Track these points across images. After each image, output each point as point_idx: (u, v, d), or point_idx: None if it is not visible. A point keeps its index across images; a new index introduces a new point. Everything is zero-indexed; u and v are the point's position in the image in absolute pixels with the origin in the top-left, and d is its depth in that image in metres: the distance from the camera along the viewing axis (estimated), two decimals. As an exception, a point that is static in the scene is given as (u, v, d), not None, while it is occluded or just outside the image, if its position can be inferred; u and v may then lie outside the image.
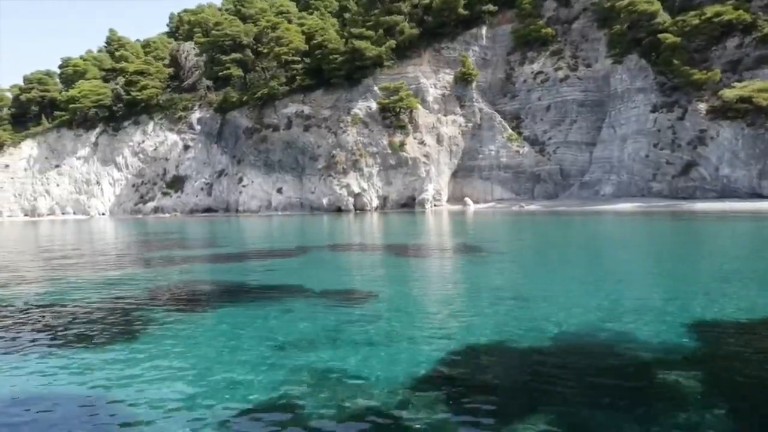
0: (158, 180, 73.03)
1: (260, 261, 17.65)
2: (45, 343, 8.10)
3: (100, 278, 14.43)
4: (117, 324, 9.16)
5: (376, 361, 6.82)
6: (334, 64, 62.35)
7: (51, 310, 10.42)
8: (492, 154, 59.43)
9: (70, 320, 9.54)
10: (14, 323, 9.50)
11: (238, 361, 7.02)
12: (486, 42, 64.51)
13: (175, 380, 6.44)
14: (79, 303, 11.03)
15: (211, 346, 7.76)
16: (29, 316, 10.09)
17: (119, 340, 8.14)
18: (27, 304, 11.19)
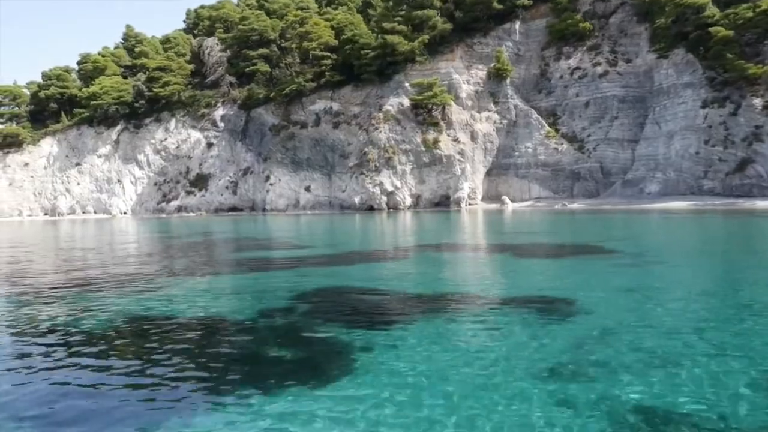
0: (181, 178, 71.58)
1: (381, 264, 16.18)
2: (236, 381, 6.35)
3: (236, 286, 13.01)
4: (301, 350, 7.68)
5: (695, 386, 5.41)
6: (365, 59, 60.88)
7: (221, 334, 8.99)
8: (529, 151, 58.03)
9: (249, 352, 8.11)
10: (154, 355, 8.05)
11: (502, 395, 5.44)
12: (519, 37, 63.12)
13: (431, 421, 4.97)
14: (244, 325, 9.59)
15: (441, 375, 6.15)
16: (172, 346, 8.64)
17: (325, 375, 6.34)
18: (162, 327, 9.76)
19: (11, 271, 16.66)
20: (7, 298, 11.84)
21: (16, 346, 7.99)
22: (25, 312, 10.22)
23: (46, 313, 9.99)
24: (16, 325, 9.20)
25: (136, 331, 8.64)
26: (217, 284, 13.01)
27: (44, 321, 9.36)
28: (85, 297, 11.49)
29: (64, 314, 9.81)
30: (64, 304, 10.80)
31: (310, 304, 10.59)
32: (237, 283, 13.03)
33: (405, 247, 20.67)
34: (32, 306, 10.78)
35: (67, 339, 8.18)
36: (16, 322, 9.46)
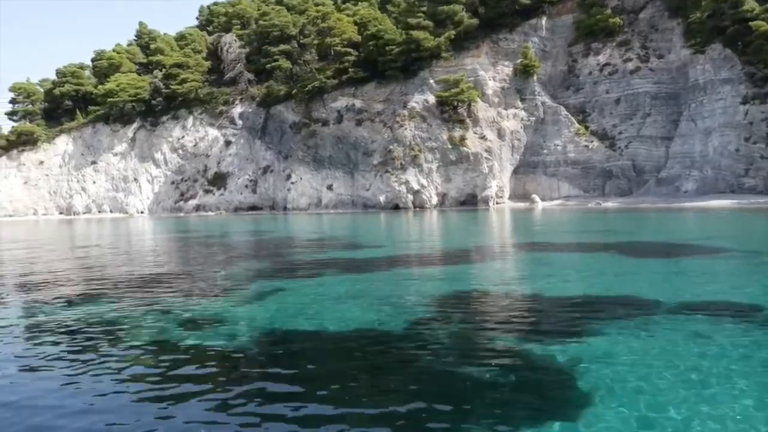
0: (199, 177, 70.40)
1: (487, 264, 15.12)
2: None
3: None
4: (504, 368, 6.61)
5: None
6: (389, 55, 59.73)
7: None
8: (558, 149, 56.94)
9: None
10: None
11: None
12: (545, 33, 62.02)
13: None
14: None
15: (677, 389, 5.33)
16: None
17: (563, 399, 5.44)
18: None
19: (28, 272, 15.56)
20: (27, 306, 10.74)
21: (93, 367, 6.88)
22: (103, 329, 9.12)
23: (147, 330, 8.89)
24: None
25: (288, 351, 7.54)
26: (329, 288, 11.89)
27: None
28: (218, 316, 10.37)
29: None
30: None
31: (462, 311, 9.50)
32: (349, 288, 11.91)
33: (488, 246, 19.58)
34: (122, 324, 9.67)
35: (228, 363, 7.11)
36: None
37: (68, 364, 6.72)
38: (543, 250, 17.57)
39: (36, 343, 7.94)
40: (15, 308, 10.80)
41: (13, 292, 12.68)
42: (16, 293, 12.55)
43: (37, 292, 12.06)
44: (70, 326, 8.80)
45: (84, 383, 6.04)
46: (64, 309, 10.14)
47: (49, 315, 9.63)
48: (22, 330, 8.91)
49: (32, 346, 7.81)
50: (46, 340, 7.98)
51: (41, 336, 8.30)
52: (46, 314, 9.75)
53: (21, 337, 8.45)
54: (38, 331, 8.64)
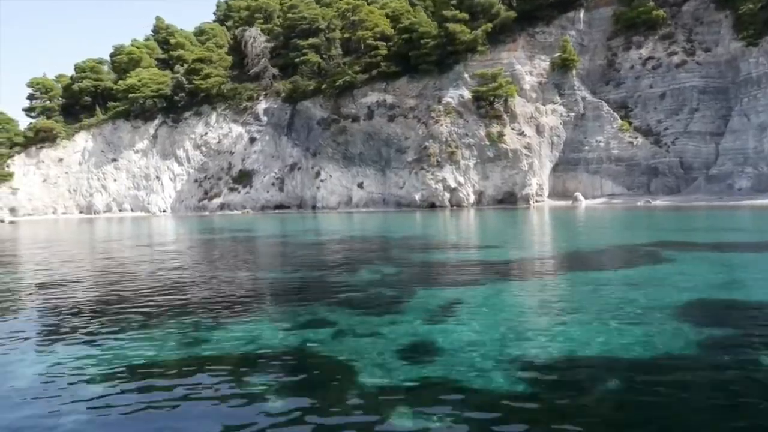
0: (223, 175, 68.55)
1: (656, 266, 13.30)
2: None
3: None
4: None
5: None
6: (424, 49, 57.86)
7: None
8: (600, 145, 55.13)
9: None
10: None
11: None
12: (583, 26, 60.24)
13: None
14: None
15: None
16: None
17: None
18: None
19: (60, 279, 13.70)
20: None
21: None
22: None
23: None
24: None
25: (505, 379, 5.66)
26: (511, 299, 10.04)
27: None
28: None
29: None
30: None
31: (726, 324, 7.62)
32: (543, 300, 10.05)
33: (625, 246, 17.70)
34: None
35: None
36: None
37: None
38: (690, 250, 15.72)
39: (54, 349, 7.09)
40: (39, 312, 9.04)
41: (35, 297, 10.95)
42: (38, 298, 10.82)
43: (61, 298, 10.29)
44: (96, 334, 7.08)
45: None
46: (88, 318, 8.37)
47: (70, 322, 7.87)
48: (43, 335, 8.08)
49: (49, 351, 7.08)
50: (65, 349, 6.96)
51: (62, 342, 7.37)
52: (66, 322, 8.08)
53: (42, 341, 7.70)
54: (59, 341, 7.51)
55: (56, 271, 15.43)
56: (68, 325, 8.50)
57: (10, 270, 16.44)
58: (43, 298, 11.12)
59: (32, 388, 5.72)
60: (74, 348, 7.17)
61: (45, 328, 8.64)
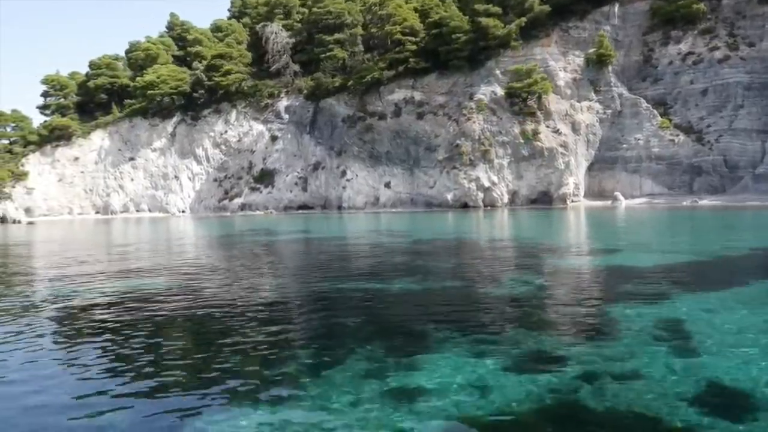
0: (244, 174, 66.66)
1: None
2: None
3: None
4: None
5: None
6: (456, 44, 56.05)
7: None
8: (640, 143, 53.32)
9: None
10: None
11: None
12: (617, 21, 58.47)
13: None
14: None
15: None
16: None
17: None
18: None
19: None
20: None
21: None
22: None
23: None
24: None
25: None
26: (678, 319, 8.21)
27: None
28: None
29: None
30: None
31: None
32: (729, 318, 8.23)
33: (729, 248, 15.90)
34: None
35: None
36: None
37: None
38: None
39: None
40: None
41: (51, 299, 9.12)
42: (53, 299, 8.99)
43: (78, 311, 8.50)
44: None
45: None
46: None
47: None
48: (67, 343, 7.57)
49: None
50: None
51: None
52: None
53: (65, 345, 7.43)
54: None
55: (99, 286, 13.58)
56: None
57: (35, 285, 14.59)
58: (95, 317, 9.28)
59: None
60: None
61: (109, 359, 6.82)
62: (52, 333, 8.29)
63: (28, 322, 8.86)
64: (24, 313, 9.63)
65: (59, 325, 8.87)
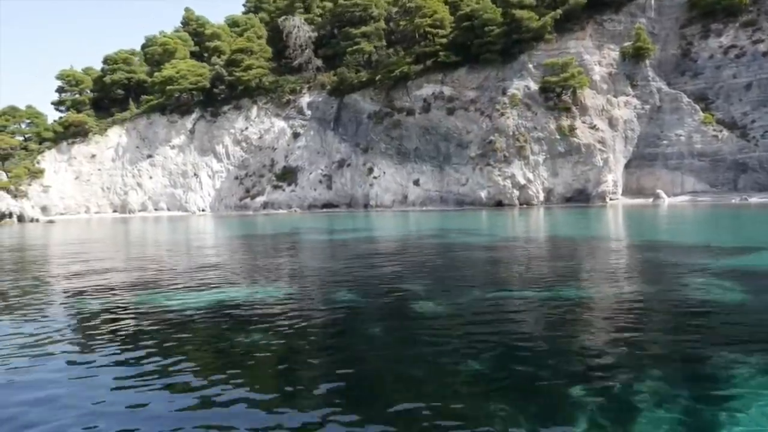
0: (265, 172, 64.88)
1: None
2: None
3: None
4: None
5: None
6: (489, 37, 54.30)
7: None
8: (681, 140, 51.55)
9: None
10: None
11: None
12: (653, 14, 56.70)
13: None
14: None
15: None
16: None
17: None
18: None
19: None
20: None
21: None
22: None
23: None
24: None
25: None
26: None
27: None
28: None
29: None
30: None
31: None
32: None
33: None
34: None
35: None
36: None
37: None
38: None
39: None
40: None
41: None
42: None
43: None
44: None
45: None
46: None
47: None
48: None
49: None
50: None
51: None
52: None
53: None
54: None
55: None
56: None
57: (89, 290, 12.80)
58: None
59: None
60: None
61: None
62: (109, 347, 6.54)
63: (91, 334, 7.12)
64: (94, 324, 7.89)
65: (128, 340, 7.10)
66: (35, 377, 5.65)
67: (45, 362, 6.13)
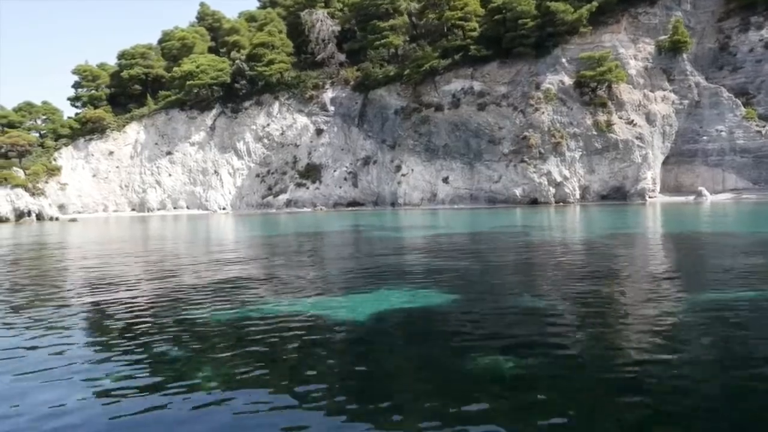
0: (288, 169, 63.32)
1: None
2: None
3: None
4: None
5: None
6: (522, 30, 52.78)
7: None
8: (722, 135, 50.14)
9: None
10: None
11: None
12: (689, 7, 55.31)
13: None
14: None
15: None
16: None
17: None
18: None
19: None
20: None
21: None
22: None
23: None
24: None
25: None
26: None
27: None
28: None
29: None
30: None
31: None
32: None
33: None
34: None
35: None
36: None
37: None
38: None
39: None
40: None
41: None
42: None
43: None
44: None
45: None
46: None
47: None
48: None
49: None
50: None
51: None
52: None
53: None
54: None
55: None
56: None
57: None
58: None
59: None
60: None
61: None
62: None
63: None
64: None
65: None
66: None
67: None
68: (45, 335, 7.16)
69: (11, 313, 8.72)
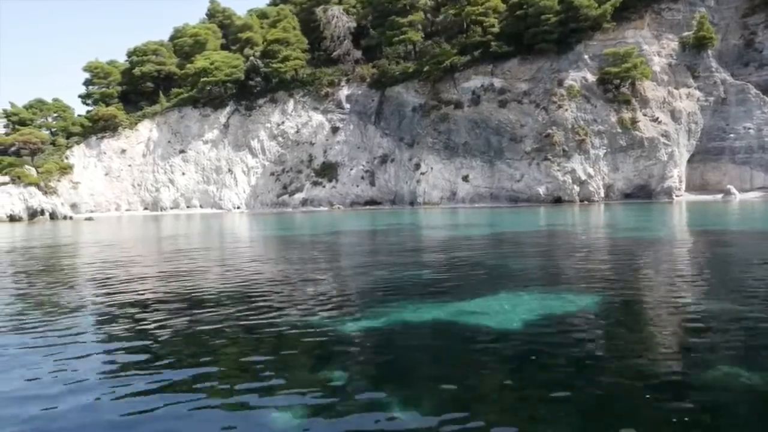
0: (303, 167, 62.37)
1: None
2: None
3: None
4: None
5: None
6: (545, 26, 51.89)
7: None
8: (750, 133, 49.30)
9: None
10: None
11: None
12: (713, 3, 54.44)
13: None
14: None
15: None
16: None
17: None
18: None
19: None
20: None
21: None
22: None
23: None
24: None
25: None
26: None
27: None
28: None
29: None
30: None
31: None
32: None
33: None
34: None
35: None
36: None
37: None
38: None
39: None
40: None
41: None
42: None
43: None
44: None
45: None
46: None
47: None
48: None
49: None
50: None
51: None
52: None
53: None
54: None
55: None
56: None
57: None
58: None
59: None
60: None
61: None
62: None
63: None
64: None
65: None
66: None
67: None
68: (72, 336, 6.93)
69: (29, 315, 8.35)
